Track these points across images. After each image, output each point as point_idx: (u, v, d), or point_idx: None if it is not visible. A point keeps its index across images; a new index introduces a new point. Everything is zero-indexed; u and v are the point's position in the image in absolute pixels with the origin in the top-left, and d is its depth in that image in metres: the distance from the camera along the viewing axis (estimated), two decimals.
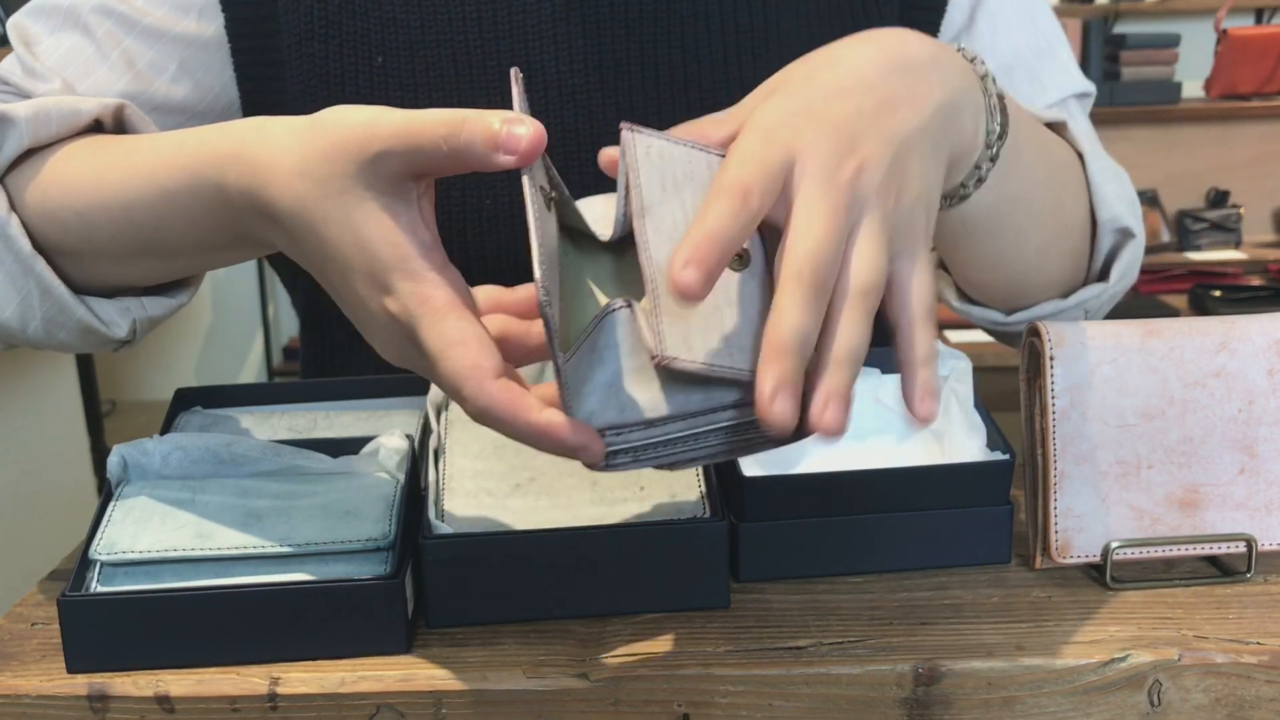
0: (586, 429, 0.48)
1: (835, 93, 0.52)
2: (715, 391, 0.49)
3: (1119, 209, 0.74)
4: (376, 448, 0.64)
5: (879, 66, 0.54)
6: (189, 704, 0.55)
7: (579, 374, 0.48)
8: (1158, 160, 3.29)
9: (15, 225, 0.65)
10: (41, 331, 0.68)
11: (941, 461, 0.66)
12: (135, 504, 0.60)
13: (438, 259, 0.50)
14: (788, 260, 0.48)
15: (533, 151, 0.47)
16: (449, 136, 0.47)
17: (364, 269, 0.50)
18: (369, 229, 0.49)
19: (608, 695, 0.55)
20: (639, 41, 0.77)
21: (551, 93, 0.77)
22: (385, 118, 0.49)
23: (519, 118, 0.48)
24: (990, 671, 0.55)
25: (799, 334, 0.47)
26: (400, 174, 0.49)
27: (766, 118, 0.51)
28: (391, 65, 0.77)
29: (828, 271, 0.47)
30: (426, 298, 0.49)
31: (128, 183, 0.61)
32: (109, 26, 0.75)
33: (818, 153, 0.50)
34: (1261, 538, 0.63)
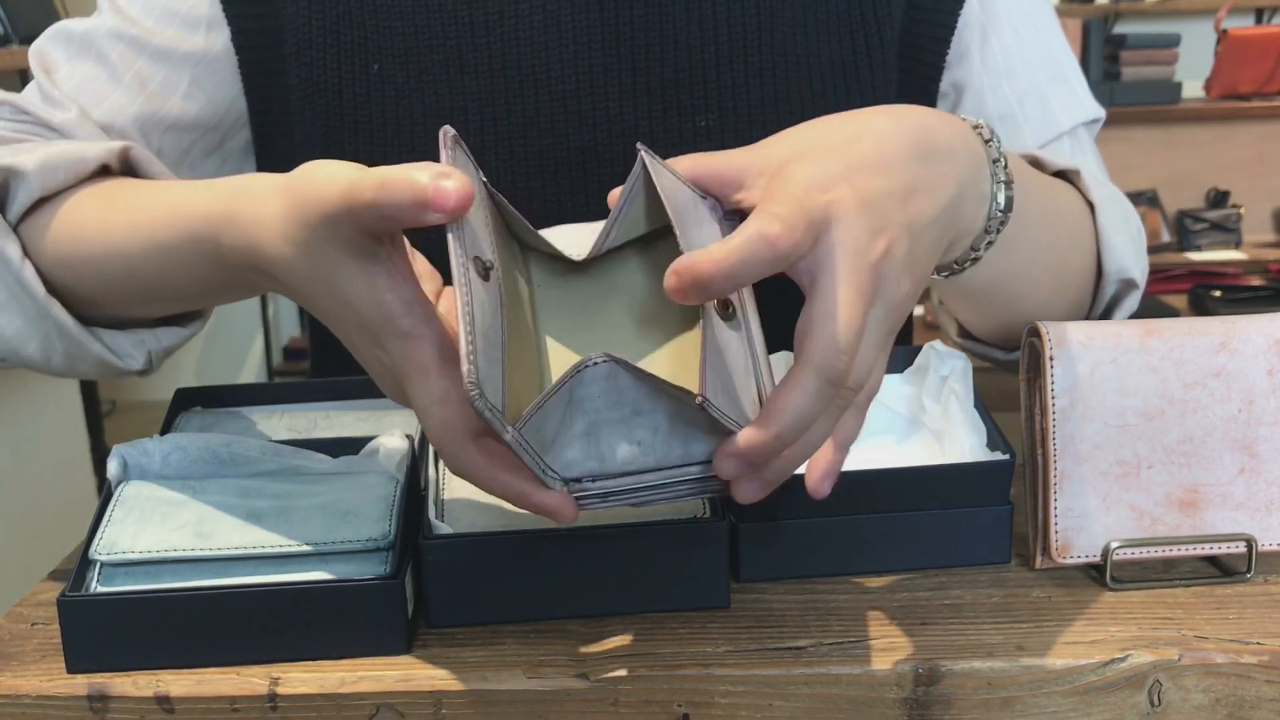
0: (560, 496, 0.49)
1: (870, 168, 0.52)
2: (694, 445, 0.49)
3: (1125, 260, 0.74)
4: (376, 448, 0.64)
5: (906, 149, 0.54)
6: (189, 704, 0.55)
7: (551, 421, 0.48)
8: (1158, 160, 3.29)
9: (30, 271, 0.67)
10: (64, 364, 0.71)
11: (941, 461, 0.66)
12: (135, 504, 0.60)
13: (421, 313, 0.49)
14: (813, 342, 0.48)
15: (461, 207, 0.46)
16: (376, 199, 0.47)
17: (355, 325, 0.51)
18: (351, 291, 0.50)
19: (608, 695, 0.55)
20: (629, 49, 0.77)
21: (543, 99, 0.77)
22: (335, 180, 0.49)
23: (447, 172, 0.47)
24: (990, 671, 0.55)
25: (801, 419, 0.48)
26: (358, 235, 0.49)
27: (806, 175, 0.51)
28: (388, 72, 0.78)
29: (845, 367, 0.48)
30: (411, 355, 0.49)
31: (131, 239, 0.63)
32: (121, 50, 0.78)
33: (852, 226, 0.50)
34: (1261, 538, 0.63)
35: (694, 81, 0.77)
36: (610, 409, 0.48)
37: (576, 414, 0.48)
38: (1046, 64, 0.83)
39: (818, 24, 0.79)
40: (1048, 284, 0.70)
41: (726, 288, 0.47)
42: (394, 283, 0.49)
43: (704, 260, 0.46)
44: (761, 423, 0.48)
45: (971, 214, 0.58)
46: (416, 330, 0.49)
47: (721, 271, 0.46)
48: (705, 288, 0.46)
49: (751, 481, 0.50)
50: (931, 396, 0.69)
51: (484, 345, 0.46)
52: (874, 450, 0.69)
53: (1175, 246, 3.29)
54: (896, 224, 0.51)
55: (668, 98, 0.77)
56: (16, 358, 0.70)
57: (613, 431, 0.49)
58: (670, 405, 0.48)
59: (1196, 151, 3.29)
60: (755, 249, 0.46)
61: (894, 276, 0.51)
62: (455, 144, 0.50)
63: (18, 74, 2.68)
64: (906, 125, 0.55)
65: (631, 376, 0.47)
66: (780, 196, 0.49)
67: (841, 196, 0.50)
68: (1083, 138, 0.83)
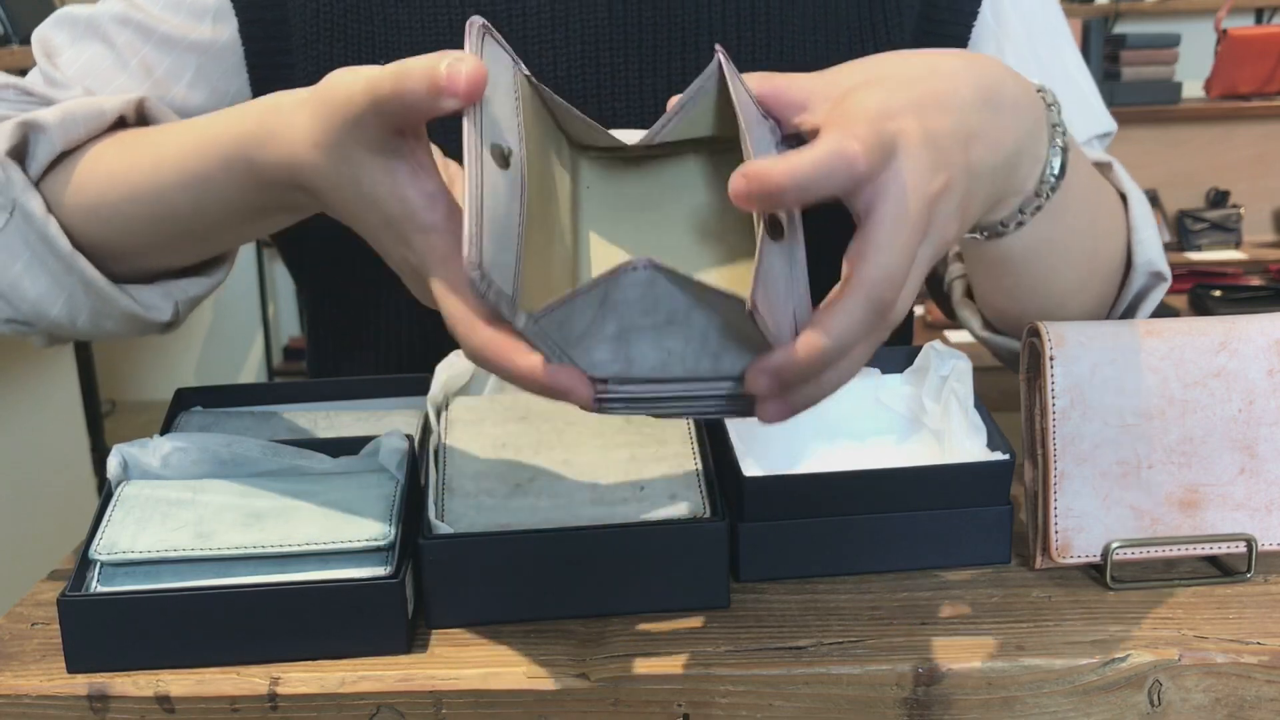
0: (572, 373, 0.47)
1: (937, 106, 0.52)
2: (725, 359, 0.48)
3: (1154, 253, 0.74)
4: (376, 448, 0.64)
5: (973, 92, 0.54)
6: (189, 704, 0.55)
7: (581, 319, 0.46)
8: (1158, 160, 3.29)
9: (54, 226, 0.67)
10: (89, 324, 0.71)
11: (941, 461, 0.66)
12: (135, 504, 0.60)
13: (442, 206, 0.50)
14: (867, 268, 0.47)
15: (473, 90, 0.46)
16: (395, 90, 0.47)
17: (382, 224, 0.52)
18: (377, 189, 0.50)
19: (608, 695, 0.55)
20: (637, 50, 0.77)
21: None
22: (360, 79, 0.49)
23: (461, 56, 0.46)
24: (990, 671, 0.55)
25: (843, 343, 0.47)
26: (382, 132, 0.49)
27: (874, 101, 0.50)
28: None
29: (893, 297, 0.48)
30: (433, 246, 0.50)
31: (160, 172, 0.63)
32: (128, 36, 0.77)
33: (918, 159, 0.49)
34: (1261, 538, 0.63)
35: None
36: (645, 315, 0.47)
37: (609, 315, 0.47)
38: (1061, 76, 0.82)
39: (827, 32, 0.79)
40: (1080, 267, 0.69)
41: (795, 200, 0.46)
42: (416, 178, 0.50)
43: (779, 167, 0.45)
44: (804, 341, 0.47)
45: (1025, 173, 0.58)
46: (438, 223, 0.50)
47: (794, 182, 0.45)
48: (774, 196, 0.45)
49: (778, 402, 0.48)
50: (931, 396, 0.69)
51: (493, 229, 0.45)
52: (874, 450, 0.69)
53: (1175, 246, 3.29)
54: (957, 164, 0.51)
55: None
56: (42, 320, 0.70)
57: (644, 337, 0.47)
58: (705, 317, 0.47)
59: (1196, 151, 3.29)
60: (833, 164, 0.46)
61: (946, 215, 0.51)
62: (484, 33, 0.49)
63: (18, 74, 2.68)
64: (977, 70, 0.55)
65: (672, 284, 0.46)
66: (855, 118, 0.48)
67: (908, 127, 0.50)
68: (1096, 149, 0.83)
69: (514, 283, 0.46)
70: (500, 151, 0.47)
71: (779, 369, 0.47)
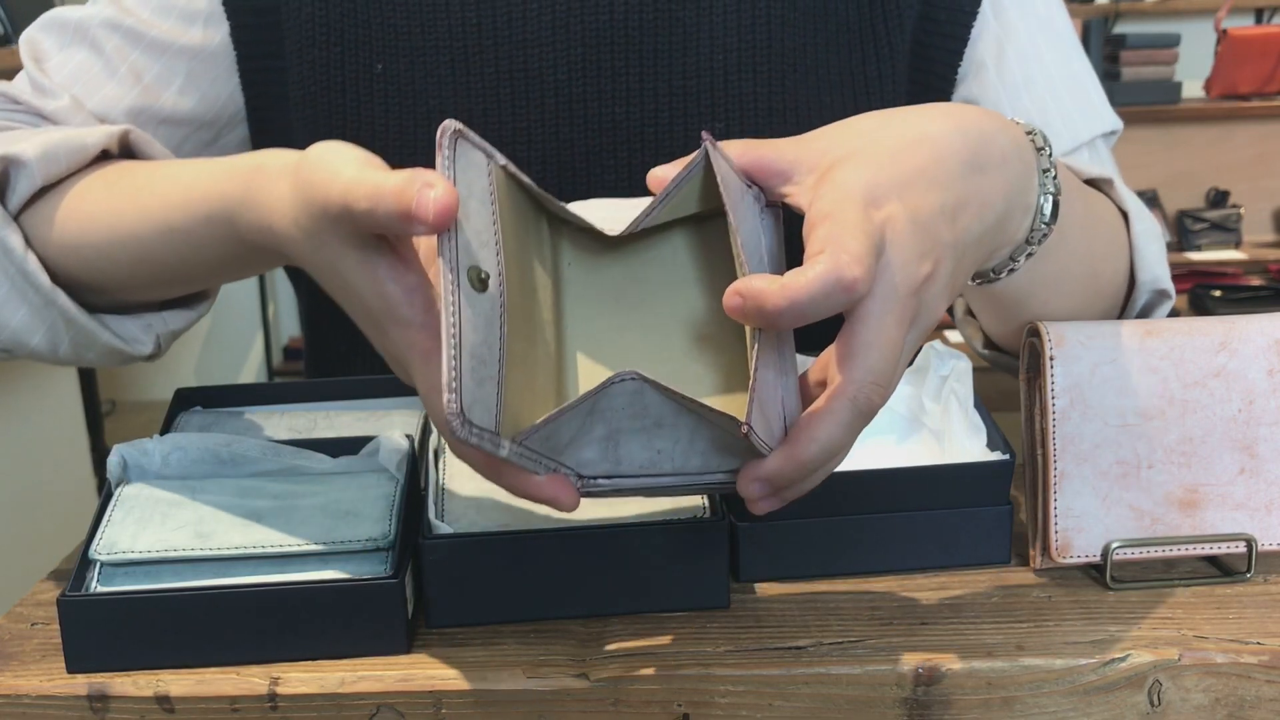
0: (556, 483, 0.49)
1: (924, 183, 0.51)
2: (713, 458, 0.49)
3: (1159, 270, 0.73)
4: (376, 448, 0.64)
5: (960, 158, 0.52)
6: (189, 704, 0.55)
7: (568, 429, 0.48)
8: (1158, 160, 3.29)
9: (33, 261, 0.66)
10: (71, 353, 0.70)
11: (941, 461, 0.66)
12: (135, 504, 0.60)
13: (422, 301, 0.49)
14: (853, 372, 0.47)
15: (442, 219, 0.45)
16: (370, 210, 0.46)
17: (362, 313, 0.51)
18: (356, 281, 0.49)
19: (608, 695, 0.55)
20: (638, 53, 0.76)
21: (549, 101, 0.77)
22: (339, 176, 0.48)
23: (431, 181, 0.45)
24: (990, 671, 0.55)
25: (831, 449, 0.48)
26: (359, 231, 0.48)
27: (858, 183, 0.49)
28: (391, 72, 0.77)
29: (881, 400, 0.48)
30: (413, 343, 0.49)
31: (143, 223, 0.62)
32: (117, 41, 0.76)
33: (904, 250, 0.48)
34: (1261, 538, 0.63)
35: (701, 89, 0.77)
36: (632, 419, 0.48)
37: (597, 421, 0.48)
38: (1065, 76, 0.81)
39: (827, 35, 0.78)
40: (1080, 294, 0.69)
41: (792, 323, 0.45)
42: (395, 272, 0.49)
43: (773, 292, 0.45)
44: (791, 451, 0.48)
45: (1016, 225, 0.57)
46: (416, 319, 0.49)
47: (791, 307, 0.45)
48: (770, 320, 0.45)
49: (769, 499, 0.50)
50: (931, 396, 0.69)
51: (471, 365, 0.45)
52: (874, 450, 0.69)
53: (1175, 246, 3.30)
54: (944, 244, 0.50)
55: (674, 104, 0.77)
56: (23, 349, 0.70)
57: (632, 439, 0.48)
58: (694, 420, 0.48)
59: (1196, 151, 3.29)
60: (830, 290, 0.45)
61: (934, 300, 0.50)
62: (455, 140, 0.49)
63: (16, 74, 2.68)
64: (965, 131, 0.53)
65: (659, 394, 0.47)
66: (846, 224, 0.47)
67: (894, 214, 0.49)
68: (1101, 149, 0.82)
69: (496, 414, 0.46)
70: (478, 274, 0.47)
71: (770, 477, 0.48)
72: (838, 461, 0.50)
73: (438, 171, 0.47)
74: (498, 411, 0.46)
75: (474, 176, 0.49)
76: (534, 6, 0.76)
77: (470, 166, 0.49)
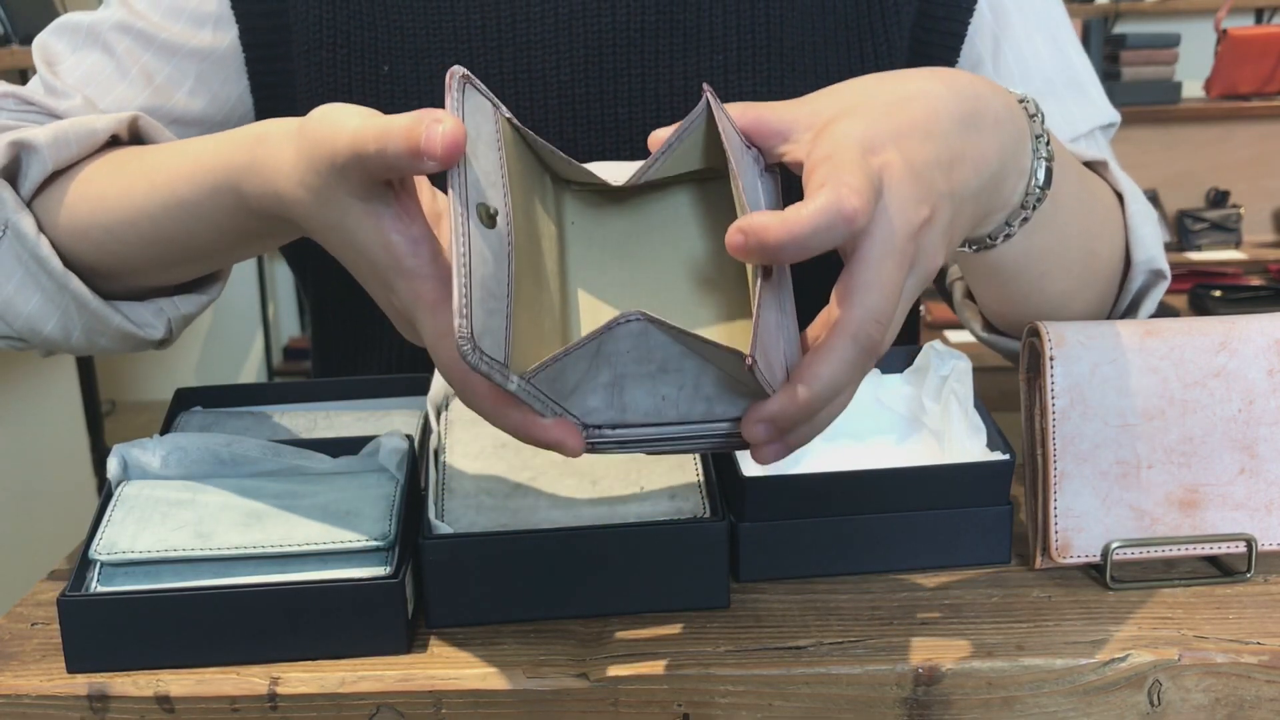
0: (563, 426, 0.48)
1: (919, 134, 0.51)
2: (718, 404, 0.49)
3: (1154, 250, 0.74)
4: (376, 448, 0.64)
5: (953, 115, 0.53)
6: (189, 704, 0.55)
7: (575, 372, 0.47)
8: (1158, 160, 3.29)
9: (46, 246, 0.67)
10: (84, 340, 0.70)
11: (941, 461, 0.66)
12: (135, 504, 0.60)
13: (427, 252, 0.50)
14: (854, 310, 0.47)
15: (451, 152, 0.45)
16: (379, 150, 0.47)
17: (368, 268, 0.51)
18: (361, 234, 0.50)
19: (608, 695, 0.55)
20: (640, 55, 0.77)
21: (552, 101, 0.78)
22: (344, 127, 0.48)
23: (439, 117, 0.46)
24: (990, 671, 0.55)
25: (835, 387, 0.48)
26: (367, 180, 0.49)
27: (855, 133, 0.50)
28: (398, 73, 0.78)
29: (881, 337, 0.48)
30: (419, 294, 0.49)
31: (151, 199, 0.62)
32: (128, 43, 0.77)
33: (902, 193, 0.49)
34: (1261, 538, 0.63)
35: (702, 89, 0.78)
36: (638, 363, 0.47)
37: (603, 365, 0.47)
38: (1061, 69, 0.82)
39: (825, 33, 0.79)
40: (1076, 271, 0.69)
41: (792, 256, 0.46)
42: (400, 223, 0.49)
43: (775, 225, 0.45)
44: (795, 390, 0.47)
45: (1010, 188, 0.58)
46: (423, 268, 0.49)
47: (793, 239, 0.45)
48: (772, 253, 0.45)
49: (775, 444, 0.49)
50: (931, 396, 0.69)
51: (481, 296, 0.45)
52: (874, 450, 0.69)
53: (1175, 246, 3.29)
54: (940, 193, 0.51)
55: (676, 104, 0.78)
56: (36, 337, 0.70)
57: (637, 385, 0.48)
58: (698, 363, 0.48)
59: (1196, 151, 3.29)
60: (832, 221, 0.45)
61: (931, 245, 0.51)
62: (464, 84, 0.49)
63: (18, 74, 2.68)
64: (958, 91, 0.54)
65: (664, 334, 0.46)
66: (841, 157, 0.48)
67: (891, 160, 0.49)
68: (1099, 141, 0.83)
69: (505, 348, 0.46)
70: (486, 210, 0.47)
71: (774, 417, 0.48)
72: (842, 404, 0.50)
73: (446, 110, 0.47)
74: (507, 344, 0.46)
75: (481, 120, 0.49)
76: (536, 10, 0.77)
77: (478, 110, 0.49)
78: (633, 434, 0.49)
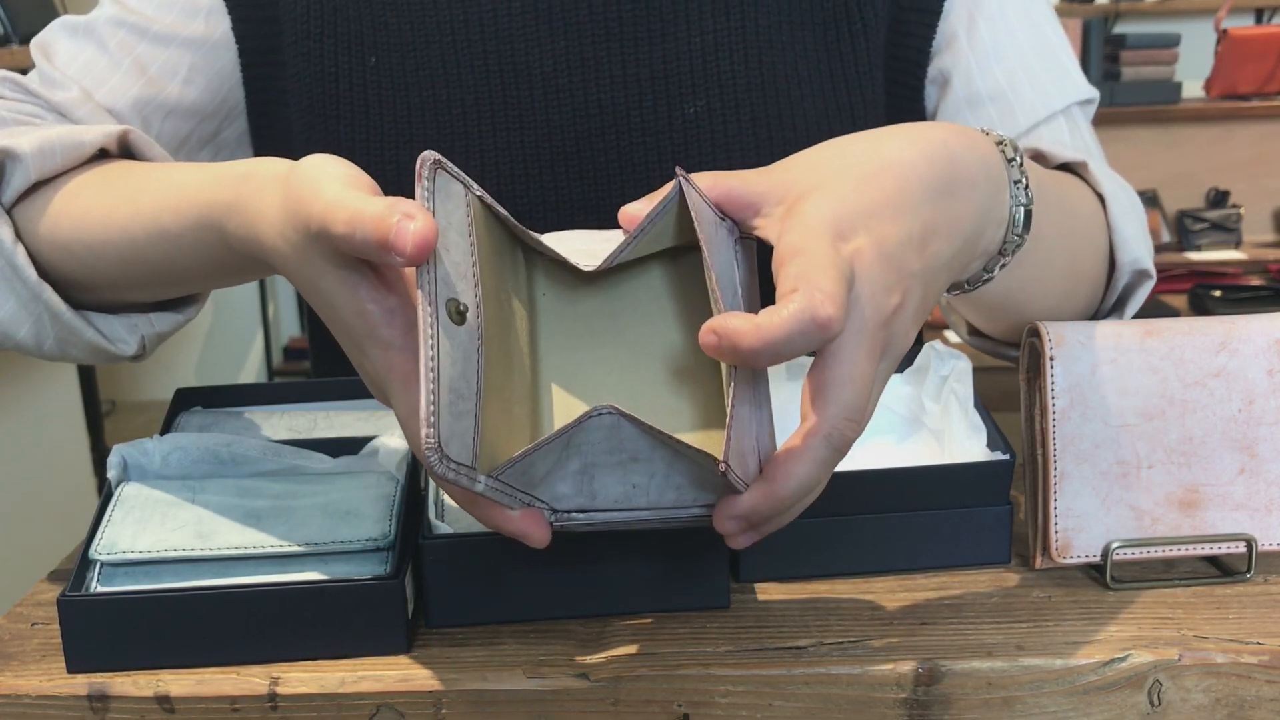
0: (529, 519, 0.49)
1: (890, 212, 0.51)
2: (688, 492, 0.49)
3: (1139, 251, 0.73)
4: (376, 448, 0.64)
5: (926, 185, 0.52)
6: (189, 704, 0.55)
7: (544, 463, 0.48)
8: (1158, 160, 3.29)
9: (21, 255, 0.66)
10: (56, 349, 0.70)
11: (941, 461, 0.66)
12: (135, 504, 0.60)
13: (401, 323, 0.49)
14: (827, 408, 0.47)
15: (420, 252, 0.44)
16: (348, 234, 0.46)
17: (342, 331, 0.51)
18: (336, 299, 0.49)
19: (608, 695, 0.55)
20: (619, 42, 0.78)
21: (537, 93, 0.79)
22: (320, 195, 0.47)
23: (409, 210, 0.45)
24: (990, 671, 0.55)
25: (807, 486, 0.48)
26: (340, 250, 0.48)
27: (825, 215, 0.49)
28: (384, 65, 0.79)
29: (855, 434, 0.48)
30: (392, 366, 0.49)
31: (135, 222, 0.62)
32: (121, 36, 0.78)
33: (872, 282, 0.49)
34: (1261, 538, 0.63)
35: (681, 71, 0.79)
36: (609, 453, 0.48)
37: (573, 454, 0.48)
38: (1036, 44, 0.82)
39: (800, 13, 0.80)
40: (1060, 289, 0.69)
41: (767, 362, 0.46)
42: (377, 293, 0.49)
43: (749, 332, 0.45)
44: (768, 488, 0.48)
45: (989, 240, 0.57)
46: (395, 341, 0.49)
47: (766, 347, 0.45)
48: (745, 359, 0.45)
49: (747, 535, 0.50)
50: (931, 396, 0.69)
51: (449, 400, 0.45)
52: (874, 450, 0.69)
53: (1175, 246, 3.30)
54: (912, 273, 0.51)
55: (657, 88, 0.79)
56: (9, 341, 0.69)
57: (608, 473, 0.48)
58: (669, 454, 0.48)
59: (1196, 151, 3.29)
60: (805, 328, 0.45)
61: (904, 330, 0.50)
62: (435, 170, 0.48)
63: (18, 73, 2.68)
64: (931, 155, 0.53)
65: (635, 429, 0.47)
66: (816, 261, 0.47)
67: (862, 246, 0.49)
68: (1078, 118, 0.82)
69: (473, 448, 0.46)
70: (456, 307, 0.47)
71: (746, 515, 0.49)
72: (814, 496, 0.51)
73: (417, 202, 0.46)
74: (475, 445, 0.46)
75: (453, 208, 0.49)
76: (517, 4, 0.78)
77: (449, 198, 0.49)
78: (601, 519, 0.50)
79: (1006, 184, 0.57)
